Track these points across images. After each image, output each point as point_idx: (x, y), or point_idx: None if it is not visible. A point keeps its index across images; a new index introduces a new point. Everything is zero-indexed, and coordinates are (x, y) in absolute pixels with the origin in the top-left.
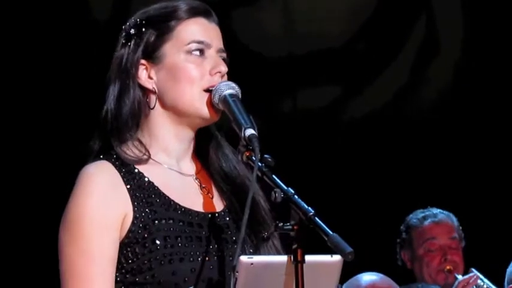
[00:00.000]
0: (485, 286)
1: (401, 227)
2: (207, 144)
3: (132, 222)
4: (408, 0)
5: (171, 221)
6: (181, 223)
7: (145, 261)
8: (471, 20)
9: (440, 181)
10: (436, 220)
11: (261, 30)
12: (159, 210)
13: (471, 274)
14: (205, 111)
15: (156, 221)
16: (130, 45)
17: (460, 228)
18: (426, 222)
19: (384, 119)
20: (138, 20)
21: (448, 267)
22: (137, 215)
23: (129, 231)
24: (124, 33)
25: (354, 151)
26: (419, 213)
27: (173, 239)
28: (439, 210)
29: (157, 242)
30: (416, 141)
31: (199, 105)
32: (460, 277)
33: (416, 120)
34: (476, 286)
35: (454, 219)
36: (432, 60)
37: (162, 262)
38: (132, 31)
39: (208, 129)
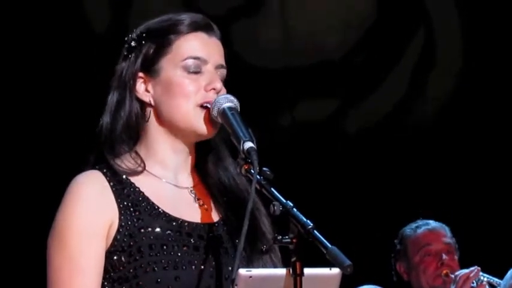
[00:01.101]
0: (485, 279)
1: (395, 240)
2: (206, 156)
3: (118, 231)
4: (406, 12)
5: (158, 230)
6: (169, 231)
7: (131, 270)
8: (469, 31)
9: (438, 193)
10: (429, 228)
11: (259, 43)
12: (146, 218)
13: (472, 268)
14: (201, 127)
15: (142, 229)
16: (130, 57)
17: (454, 238)
18: (420, 231)
19: (383, 131)
20: (139, 32)
21: (445, 271)
22: (123, 223)
23: (115, 239)
24: (126, 46)
25: (353, 164)
26: (412, 224)
27: (158, 247)
28: (431, 220)
29: (142, 250)
30: (415, 153)
31: (194, 121)
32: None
33: (415, 132)
34: (477, 280)
35: (447, 228)
36: (431, 72)
37: (147, 270)
38: (133, 43)
39: (208, 142)
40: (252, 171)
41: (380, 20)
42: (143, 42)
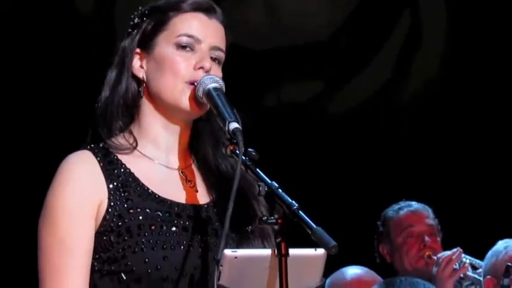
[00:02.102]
0: (468, 261)
1: (378, 222)
2: (205, 140)
3: (107, 211)
4: None
5: (148, 210)
6: (158, 212)
7: (120, 250)
8: (455, 12)
9: (421, 174)
10: (412, 209)
11: (245, 24)
12: (136, 199)
13: (454, 250)
14: (185, 103)
15: (131, 210)
16: (132, 34)
17: (436, 219)
18: (402, 212)
19: (368, 112)
20: (143, 10)
21: (427, 253)
22: (112, 204)
23: (104, 219)
24: (131, 23)
25: (338, 145)
26: (394, 206)
27: (147, 228)
28: (414, 202)
29: (131, 230)
30: (399, 135)
31: (179, 98)
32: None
33: (400, 113)
34: (459, 262)
35: (430, 209)
36: (416, 53)
37: (135, 250)
38: (136, 20)
39: (209, 126)
40: (237, 151)
41: (366, 1)
42: (145, 19)
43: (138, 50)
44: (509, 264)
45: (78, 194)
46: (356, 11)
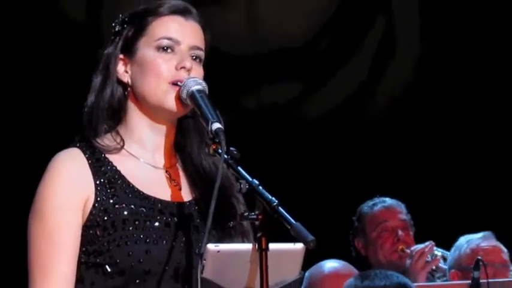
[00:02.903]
0: (439, 254)
1: (353, 217)
2: (191, 139)
3: (93, 206)
4: (367, 1)
5: (132, 206)
6: (142, 208)
7: (105, 243)
8: (428, 16)
9: (395, 172)
10: (385, 205)
11: (226, 29)
12: (121, 195)
13: (426, 243)
14: (170, 104)
15: (117, 205)
16: (115, 41)
17: (409, 215)
18: (376, 208)
19: (344, 114)
20: (123, 17)
21: (401, 247)
22: (98, 199)
23: (91, 214)
24: (112, 30)
25: (315, 144)
26: (369, 202)
27: (131, 223)
28: (387, 198)
29: (116, 224)
30: (373, 136)
31: (163, 98)
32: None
33: (374, 115)
34: (431, 255)
35: (403, 205)
36: (390, 57)
37: (119, 244)
38: (117, 28)
39: (195, 126)
40: (220, 150)
41: (342, 7)
42: (125, 26)
43: (121, 56)
44: (479, 258)
45: (66, 190)
46: (332, 17)
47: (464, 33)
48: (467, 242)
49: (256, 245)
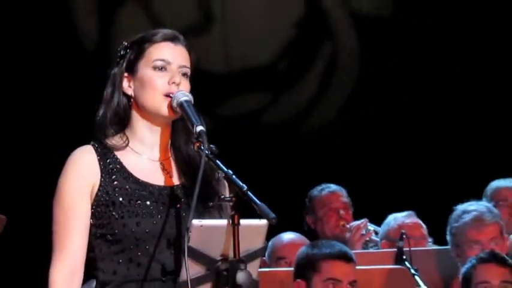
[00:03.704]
0: (372, 229)
1: (306, 199)
2: (180, 136)
3: (98, 189)
4: (317, 31)
5: (129, 189)
6: (136, 191)
7: (107, 218)
8: (365, 42)
9: (339, 166)
10: (330, 190)
11: (207, 53)
12: (121, 181)
13: (362, 220)
14: (164, 111)
15: (117, 189)
16: (120, 62)
17: (349, 197)
18: (324, 192)
19: (300, 119)
20: (126, 44)
21: (342, 223)
22: (102, 184)
23: (96, 195)
24: (118, 54)
25: (280, 143)
26: (318, 187)
27: (127, 201)
28: (332, 184)
29: (115, 203)
30: (323, 135)
31: (159, 107)
32: (353, 223)
33: (323, 120)
34: (366, 230)
35: (344, 190)
36: (334, 76)
37: (117, 218)
38: (122, 52)
39: (184, 128)
40: (202, 147)
41: (298, 37)
42: (128, 50)
43: (125, 74)
44: (403, 231)
45: (79, 178)
46: (290, 44)
47: (394, 56)
48: (394, 219)
49: (231, 221)
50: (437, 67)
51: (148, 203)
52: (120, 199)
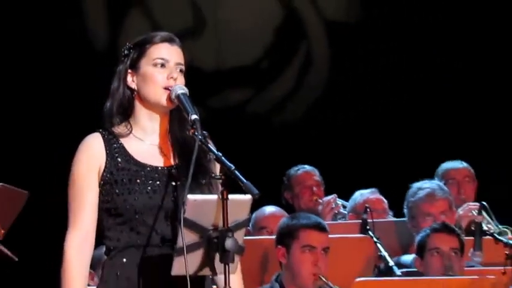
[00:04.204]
0: (340, 203)
1: (284, 178)
2: (176, 123)
3: (104, 170)
4: (293, 35)
5: (130, 170)
6: (136, 171)
7: (111, 194)
8: (336, 49)
9: (313, 149)
10: (305, 170)
11: (200, 53)
12: (123, 163)
13: (331, 196)
14: (164, 101)
15: (119, 169)
16: (124, 60)
17: (321, 176)
18: (299, 172)
19: (278, 110)
20: (129, 45)
21: (315, 198)
22: (107, 165)
23: (102, 175)
24: (122, 53)
25: (260, 131)
26: (294, 167)
27: (127, 180)
28: (306, 165)
29: (117, 181)
30: (298, 123)
31: (159, 98)
32: (324, 198)
33: (298, 109)
34: (335, 204)
35: (316, 170)
36: (307, 75)
37: (118, 194)
38: (126, 52)
39: (181, 117)
40: (196, 133)
41: (277, 40)
42: (131, 50)
43: (129, 71)
44: (367, 205)
45: (88, 160)
46: (270, 46)
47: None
48: (360, 195)
49: (220, 196)
50: (400, 69)
51: (146, 181)
52: (122, 178)
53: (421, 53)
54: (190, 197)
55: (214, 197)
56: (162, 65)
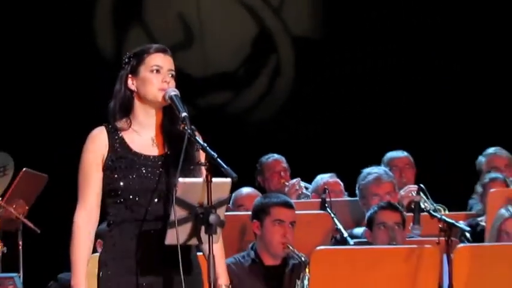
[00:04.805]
0: (303, 185)
1: (257, 165)
2: (169, 120)
3: (106, 158)
4: (266, 47)
5: (127, 158)
6: (132, 159)
7: (112, 179)
8: (301, 60)
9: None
10: (274, 158)
11: (189, 62)
12: (122, 152)
13: (296, 179)
14: (159, 99)
15: (119, 157)
16: (125, 67)
17: (287, 163)
18: (269, 160)
19: (254, 110)
20: (129, 54)
21: (282, 181)
22: (110, 154)
23: (105, 162)
24: (123, 61)
25: (237, 128)
26: (265, 156)
27: (124, 167)
28: (275, 154)
29: (117, 168)
30: (269, 121)
31: (155, 97)
32: (290, 181)
33: (269, 110)
34: (299, 186)
35: (283, 158)
36: (277, 82)
37: (116, 178)
38: (127, 60)
39: (172, 114)
40: (186, 127)
41: (252, 52)
42: (131, 58)
43: (130, 75)
44: (326, 187)
45: (94, 150)
46: (247, 57)
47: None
48: (321, 178)
49: (205, 179)
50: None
51: (140, 168)
52: (120, 165)
53: (369, 64)
54: (180, 180)
55: (200, 180)
56: (157, 71)
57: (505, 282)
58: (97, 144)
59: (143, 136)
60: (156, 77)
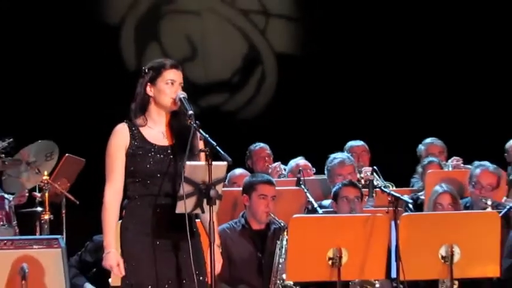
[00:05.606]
0: (283, 167)
1: (247, 151)
2: (177, 119)
3: (128, 147)
4: (254, 58)
5: (144, 148)
6: (147, 148)
7: (132, 163)
8: (282, 71)
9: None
10: (260, 146)
11: (194, 71)
12: (139, 142)
13: (277, 163)
14: (171, 106)
15: (136, 147)
16: (145, 77)
17: (270, 150)
18: (257, 147)
19: (244, 110)
20: (148, 66)
21: (267, 164)
22: (130, 144)
23: (127, 151)
24: (142, 72)
25: (232, 124)
26: (253, 144)
27: (141, 154)
28: (262, 143)
29: (135, 155)
30: (256, 117)
31: (168, 104)
32: (272, 165)
33: (255, 110)
34: (280, 168)
35: (267, 146)
36: (262, 87)
37: (136, 163)
38: (146, 71)
39: (178, 115)
40: (192, 122)
41: (243, 64)
42: (150, 70)
43: (149, 84)
44: (300, 168)
45: (118, 141)
46: (239, 68)
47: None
48: (294, 161)
49: (206, 163)
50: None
51: (154, 155)
52: (139, 152)
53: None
54: (187, 163)
55: (202, 163)
56: (172, 83)
57: (438, 241)
58: (121, 137)
59: (155, 130)
60: (170, 88)
